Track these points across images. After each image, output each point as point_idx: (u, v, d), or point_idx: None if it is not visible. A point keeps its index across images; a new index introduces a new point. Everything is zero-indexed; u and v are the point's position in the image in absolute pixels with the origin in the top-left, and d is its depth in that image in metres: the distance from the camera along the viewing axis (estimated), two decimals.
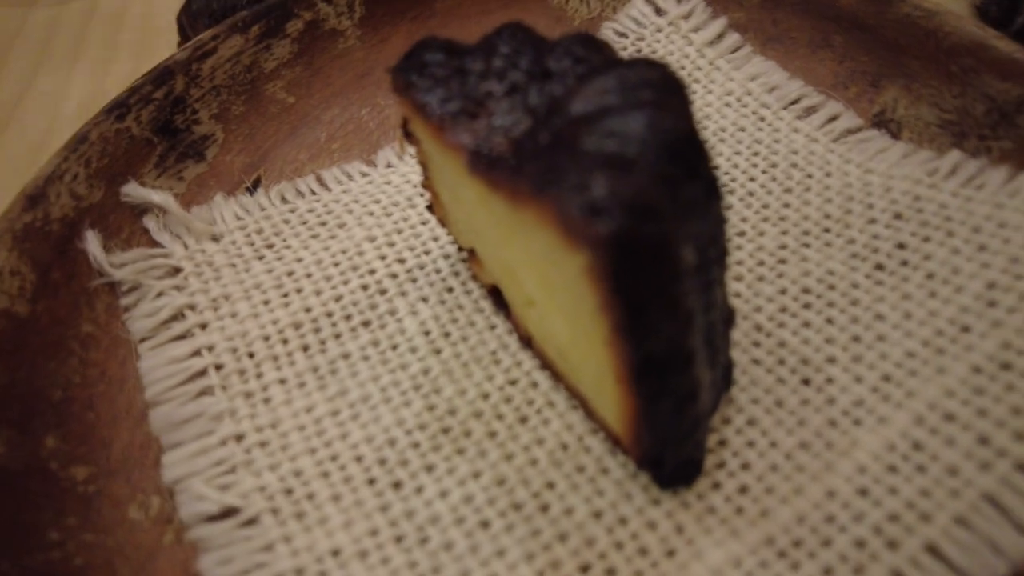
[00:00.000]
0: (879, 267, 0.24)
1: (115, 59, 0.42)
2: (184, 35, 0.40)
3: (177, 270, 0.27)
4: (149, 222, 0.28)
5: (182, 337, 0.25)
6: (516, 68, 0.19)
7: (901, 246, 0.24)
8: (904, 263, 0.23)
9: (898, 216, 0.25)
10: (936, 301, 0.22)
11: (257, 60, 0.33)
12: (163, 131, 0.30)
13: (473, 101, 0.19)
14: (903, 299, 0.22)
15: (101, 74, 0.41)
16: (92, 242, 0.26)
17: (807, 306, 0.23)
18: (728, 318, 0.20)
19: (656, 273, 0.15)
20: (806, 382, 0.22)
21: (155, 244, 0.28)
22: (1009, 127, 0.26)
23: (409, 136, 0.23)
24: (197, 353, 0.25)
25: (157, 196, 0.28)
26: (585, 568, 0.19)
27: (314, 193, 0.29)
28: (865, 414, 0.21)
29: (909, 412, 0.20)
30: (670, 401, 0.17)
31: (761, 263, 0.25)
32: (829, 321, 0.23)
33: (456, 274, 0.26)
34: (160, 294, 0.26)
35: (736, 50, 0.32)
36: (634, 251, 0.15)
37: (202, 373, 0.24)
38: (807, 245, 0.25)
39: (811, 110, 0.29)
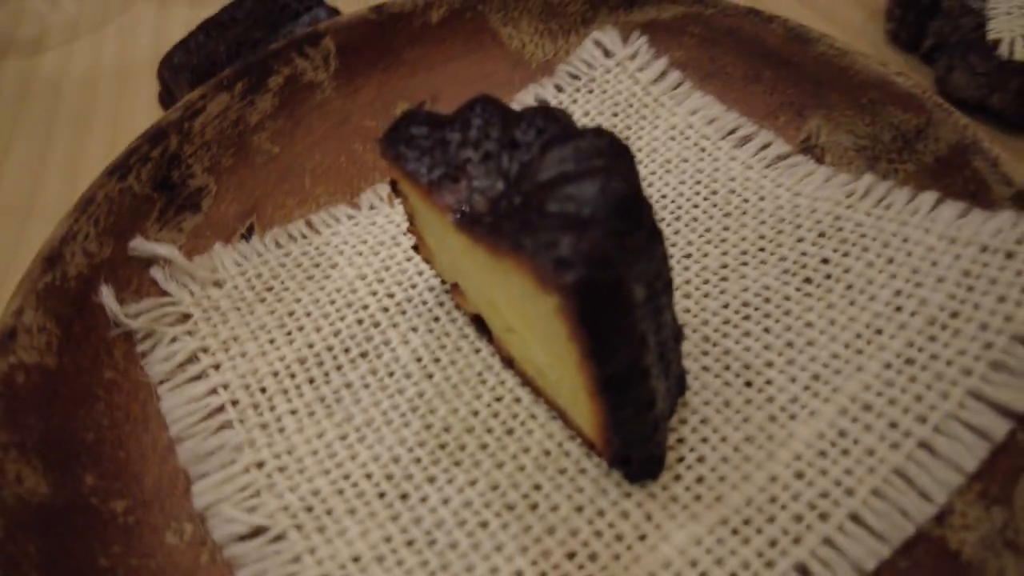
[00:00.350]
0: (807, 280, 0.27)
1: (95, 109, 0.44)
2: (166, 87, 0.43)
3: (187, 316, 0.30)
4: (156, 273, 0.31)
5: (198, 378, 0.28)
6: (489, 138, 0.22)
7: (825, 261, 0.28)
8: (828, 276, 0.27)
9: (822, 235, 0.28)
10: (855, 308, 0.26)
11: (243, 115, 0.35)
12: (161, 187, 0.33)
13: (454, 167, 0.22)
14: (828, 308, 0.26)
15: (84, 124, 0.43)
16: (107, 296, 0.29)
17: (747, 318, 0.27)
18: (677, 336, 0.23)
19: (613, 309, 0.19)
20: (749, 384, 0.25)
21: (164, 293, 0.30)
22: (911, 152, 0.30)
23: (397, 192, 0.26)
24: (213, 391, 0.28)
25: (162, 249, 0.31)
26: (571, 555, 0.22)
27: (305, 237, 0.32)
28: (799, 409, 0.24)
29: (835, 405, 0.24)
30: (632, 409, 0.21)
31: (706, 281, 0.28)
32: (766, 330, 0.26)
33: (441, 304, 0.29)
34: (174, 339, 0.29)
35: (678, 86, 0.35)
36: (594, 294, 0.18)
37: (220, 409, 0.27)
38: (745, 263, 0.28)
39: (746, 139, 0.33)
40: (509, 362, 0.27)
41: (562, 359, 0.21)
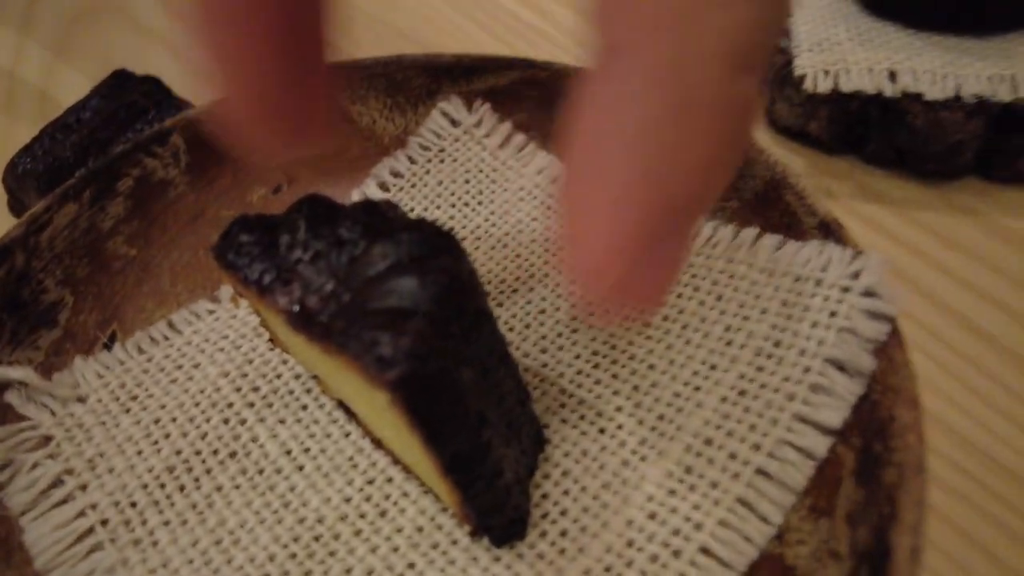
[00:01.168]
0: (647, 324, 0.29)
1: None
2: (14, 197, 0.42)
3: (48, 438, 0.29)
4: (12, 398, 0.30)
5: (64, 502, 0.27)
6: (317, 238, 0.23)
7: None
8: (666, 318, 0.29)
9: None
10: (691, 347, 0.28)
11: (94, 222, 0.35)
12: (10, 307, 0.32)
13: (286, 269, 0.23)
14: (667, 349, 0.28)
15: None
16: None
17: (596, 366, 0.28)
18: (523, 399, 0.24)
19: (442, 398, 0.20)
20: (602, 431, 0.27)
21: (22, 417, 0.30)
22: (735, 190, 0.33)
23: (240, 293, 0.26)
24: (81, 514, 0.27)
25: (16, 372, 0.30)
26: None
27: (167, 339, 0.32)
28: (648, 451, 0.26)
29: (680, 443, 0.26)
30: (481, 483, 0.22)
31: (560, 335, 0.30)
32: (614, 376, 0.28)
33: (308, 391, 0.30)
34: (35, 465, 0.28)
35: (523, 148, 0.37)
36: (419, 386, 0.19)
37: (90, 531, 0.27)
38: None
39: None
40: (378, 443, 0.27)
41: (411, 445, 0.22)
